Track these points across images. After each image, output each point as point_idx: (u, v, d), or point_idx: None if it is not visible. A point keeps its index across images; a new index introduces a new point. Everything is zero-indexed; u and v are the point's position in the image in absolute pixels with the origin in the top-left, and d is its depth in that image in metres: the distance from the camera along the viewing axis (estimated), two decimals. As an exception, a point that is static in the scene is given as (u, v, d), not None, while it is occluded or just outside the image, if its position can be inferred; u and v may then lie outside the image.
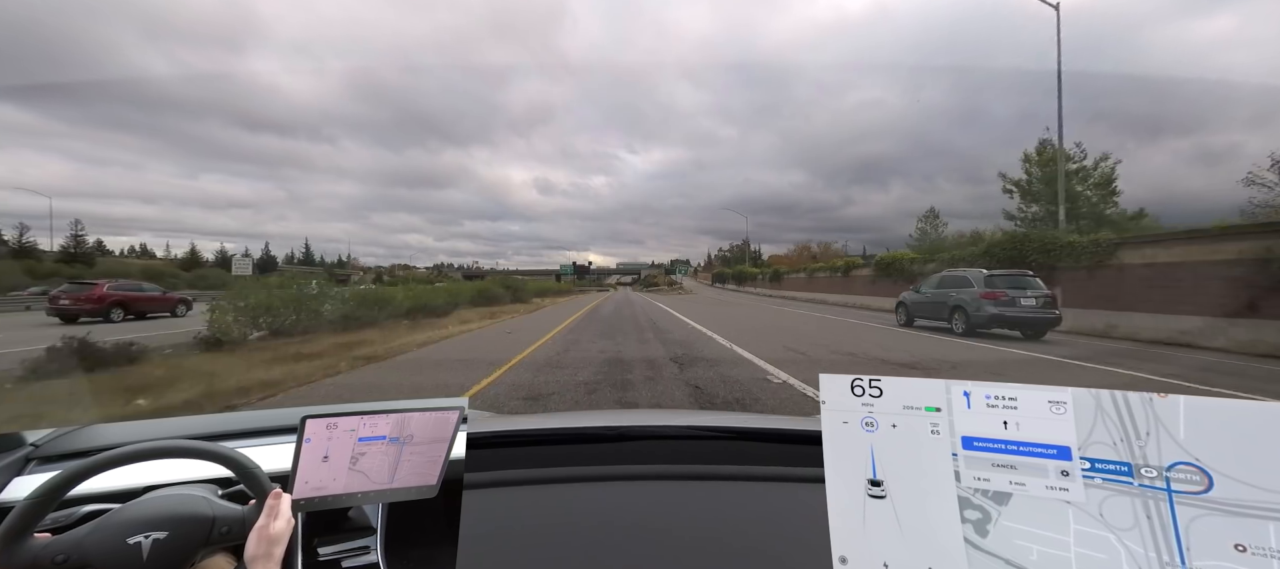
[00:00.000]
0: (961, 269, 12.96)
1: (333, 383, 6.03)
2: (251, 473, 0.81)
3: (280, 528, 0.75)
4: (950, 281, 12.23)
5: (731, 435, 1.18)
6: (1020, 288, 10.84)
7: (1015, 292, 10.75)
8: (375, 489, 0.87)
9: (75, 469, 0.73)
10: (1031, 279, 11.20)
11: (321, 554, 0.91)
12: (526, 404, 4.90)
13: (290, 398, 5.33)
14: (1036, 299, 10.62)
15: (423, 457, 0.90)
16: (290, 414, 1.19)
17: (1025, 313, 10.58)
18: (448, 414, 0.91)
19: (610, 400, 5.08)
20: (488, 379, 6.07)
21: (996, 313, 10.63)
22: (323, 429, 0.82)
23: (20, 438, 1.03)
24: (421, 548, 1.01)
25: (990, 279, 11.17)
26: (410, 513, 1.00)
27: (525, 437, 1.17)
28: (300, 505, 0.82)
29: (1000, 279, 11.15)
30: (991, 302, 10.70)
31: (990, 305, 10.69)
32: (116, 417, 4.80)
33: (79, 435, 1.10)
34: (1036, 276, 11.41)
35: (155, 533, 0.74)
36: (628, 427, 1.17)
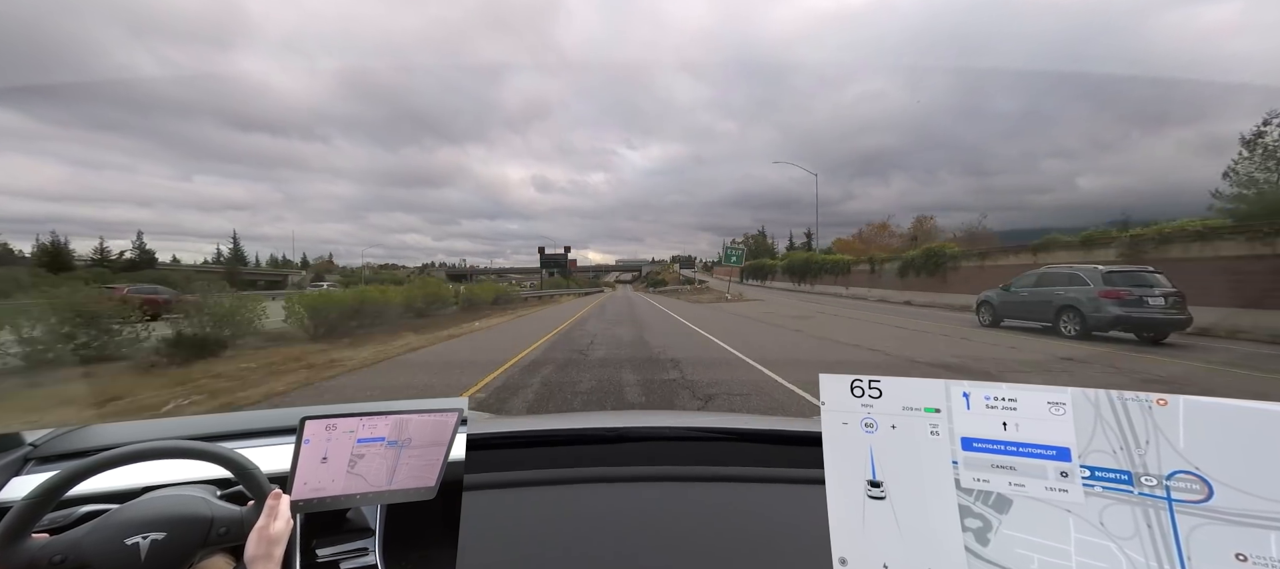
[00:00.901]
0: (1068, 266, 12.94)
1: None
2: (250, 473, 0.93)
3: (280, 528, 0.87)
4: (1054, 279, 12.41)
5: (731, 436, 1.31)
6: (1145, 285, 10.74)
7: (1141, 290, 10.65)
8: (374, 491, 0.99)
9: (73, 469, 0.83)
10: (1156, 275, 11.09)
11: (320, 555, 1.04)
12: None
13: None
14: (1164, 297, 10.54)
15: (421, 459, 1.02)
16: (289, 415, 1.35)
17: (1155, 313, 10.49)
18: (447, 416, 1.04)
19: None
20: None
21: (1121, 314, 10.61)
22: (322, 430, 0.95)
23: (19, 438, 1.20)
24: (420, 549, 1.15)
25: (1110, 276, 11.11)
26: (409, 514, 1.14)
27: (525, 438, 1.31)
28: (299, 506, 0.94)
29: (1121, 276, 11.08)
30: (1114, 301, 10.70)
31: (1113, 305, 10.69)
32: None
33: (77, 435, 1.27)
34: (1159, 272, 11.32)
35: (153, 534, 0.85)
36: (627, 428, 1.31)
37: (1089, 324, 11.00)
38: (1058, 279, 12.27)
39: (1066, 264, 13.31)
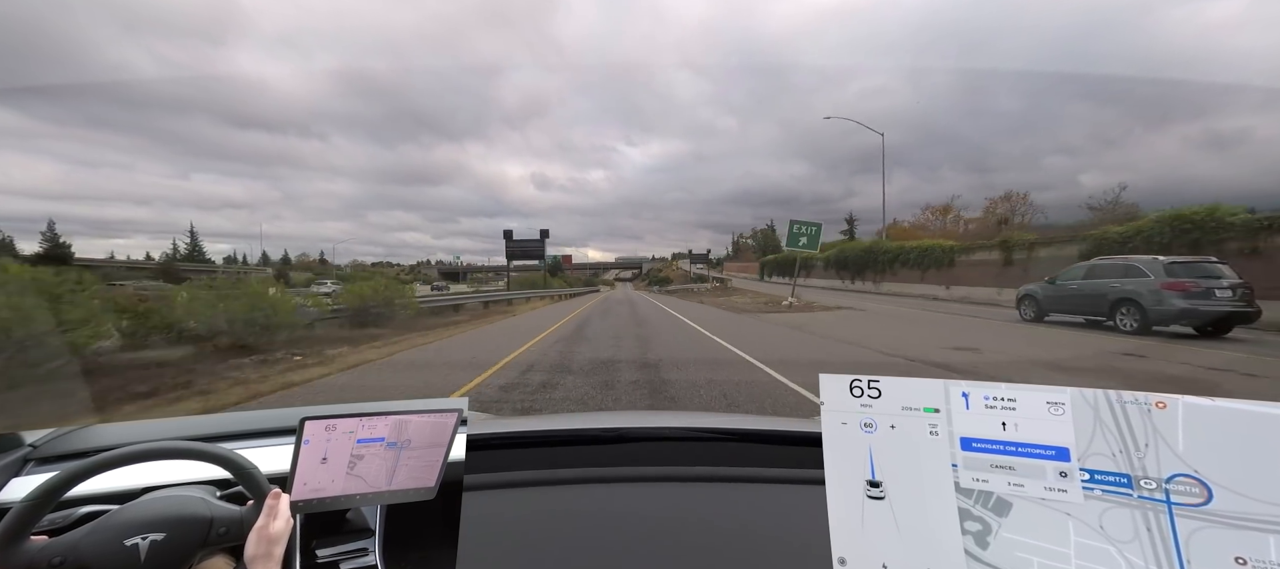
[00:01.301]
0: (1122, 258, 12.98)
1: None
2: (249, 474, 0.99)
3: (279, 528, 0.92)
4: (1108, 271, 12.51)
5: (731, 437, 1.38)
6: (1212, 277, 10.77)
7: (1208, 281, 10.67)
8: (373, 491, 1.05)
9: (73, 470, 0.87)
10: (1220, 266, 11.12)
11: (320, 556, 1.11)
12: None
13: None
14: (1232, 289, 10.58)
15: (420, 459, 1.08)
16: (289, 415, 1.43)
17: (1223, 306, 10.49)
18: (446, 416, 1.09)
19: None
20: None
21: (1187, 307, 10.61)
22: (321, 431, 1.00)
23: (18, 438, 1.27)
24: (420, 550, 1.22)
25: (1173, 268, 11.13)
26: (409, 515, 1.20)
27: (525, 438, 1.38)
28: (299, 507, 1.00)
29: (1184, 268, 11.09)
30: (1179, 294, 10.71)
31: (1177, 297, 10.70)
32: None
33: (76, 436, 1.34)
34: (1223, 262, 11.36)
35: (153, 534, 0.90)
36: (627, 428, 1.38)
37: (1150, 318, 11.02)
38: (1112, 271, 12.32)
39: (1122, 256, 13.31)
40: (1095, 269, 12.90)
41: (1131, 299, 11.46)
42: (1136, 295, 11.35)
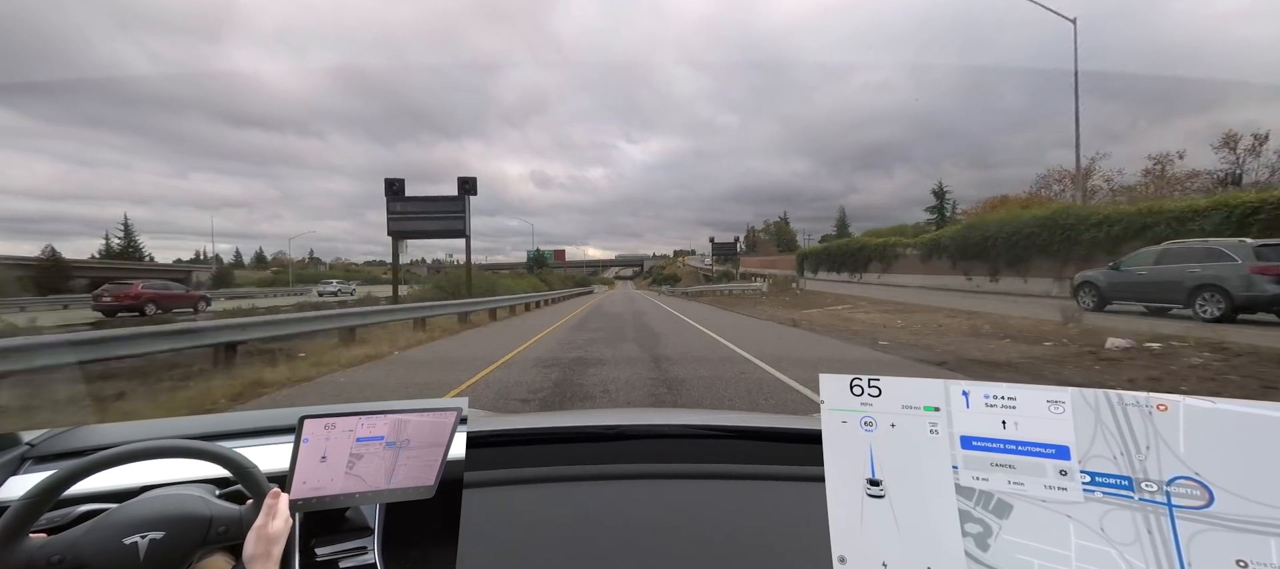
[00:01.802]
0: (1201, 241, 12.90)
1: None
2: (248, 472, 1.06)
3: (279, 527, 0.99)
4: (1185, 255, 12.46)
5: (731, 434, 1.45)
6: None
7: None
8: (373, 490, 1.12)
9: (71, 469, 0.92)
10: None
11: (319, 555, 1.18)
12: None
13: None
14: None
15: (420, 458, 1.15)
16: (288, 414, 1.51)
17: None
18: (446, 415, 1.16)
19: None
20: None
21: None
22: (320, 429, 1.07)
23: (16, 437, 1.35)
24: (419, 548, 1.29)
25: (1262, 251, 11.05)
26: (408, 513, 1.28)
27: (525, 435, 1.46)
28: (298, 506, 1.06)
29: (1274, 250, 11.03)
30: (1271, 278, 10.71)
31: (1269, 282, 10.70)
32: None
33: (75, 435, 1.43)
34: None
35: (152, 533, 0.94)
36: (627, 426, 1.46)
37: (1238, 304, 11.00)
38: (1190, 255, 12.24)
39: (1198, 240, 13.22)
40: (1168, 253, 12.82)
41: (1215, 284, 11.37)
42: (1221, 280, 11.29)
